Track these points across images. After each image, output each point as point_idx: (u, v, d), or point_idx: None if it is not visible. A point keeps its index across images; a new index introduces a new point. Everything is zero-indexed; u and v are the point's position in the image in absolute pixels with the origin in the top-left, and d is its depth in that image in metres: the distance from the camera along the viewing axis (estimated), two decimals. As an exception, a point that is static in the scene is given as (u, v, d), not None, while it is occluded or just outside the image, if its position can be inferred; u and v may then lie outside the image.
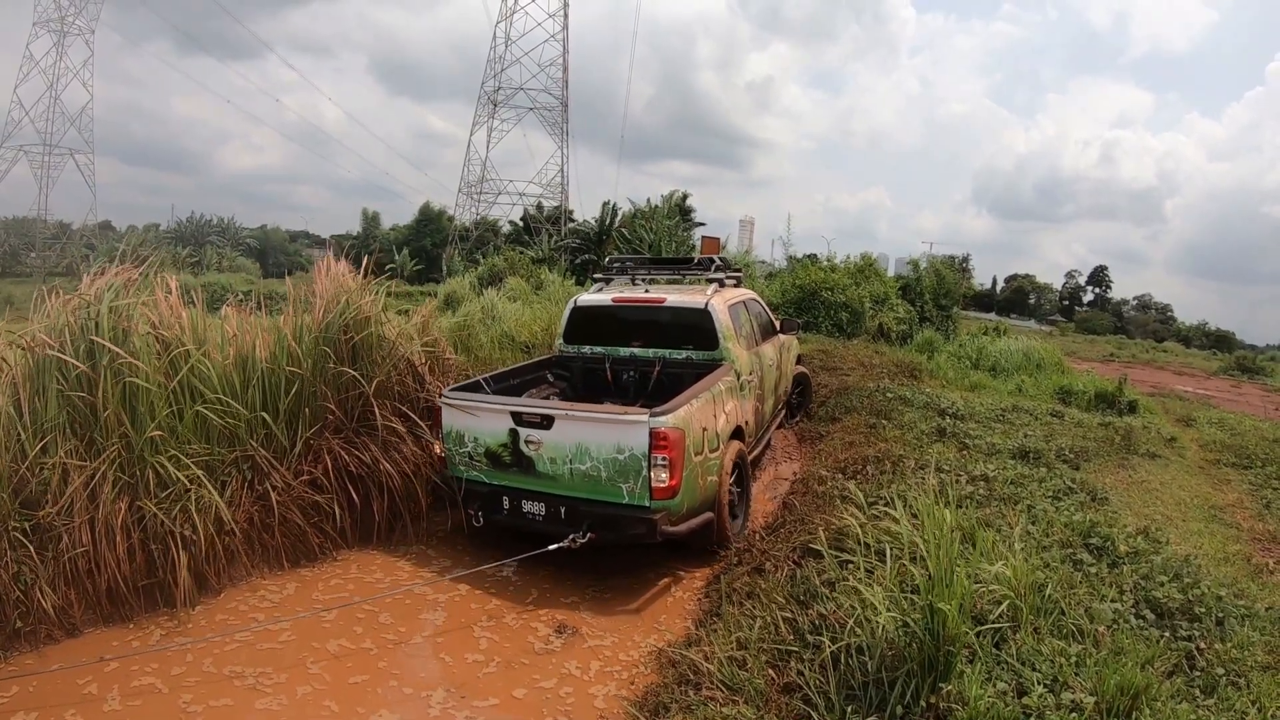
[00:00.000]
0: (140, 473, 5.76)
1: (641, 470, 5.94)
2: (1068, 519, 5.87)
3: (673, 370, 8.16)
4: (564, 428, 6.20)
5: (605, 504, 6.17)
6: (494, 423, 6.52)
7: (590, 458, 6.12)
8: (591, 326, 8.77)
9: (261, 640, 5.30)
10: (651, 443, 5.89)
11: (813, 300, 18.53)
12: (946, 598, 3.66)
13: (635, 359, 8.50)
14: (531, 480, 6.45)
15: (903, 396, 10.53)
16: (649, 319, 8.46)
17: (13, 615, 5.13)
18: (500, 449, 6.50)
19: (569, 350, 8.85)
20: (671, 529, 6.06)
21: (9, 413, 5.51)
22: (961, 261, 28.57)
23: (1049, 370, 16.54)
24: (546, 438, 6.27)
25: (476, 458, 6.66)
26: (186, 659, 5.09)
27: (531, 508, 6.45)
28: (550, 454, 6.27)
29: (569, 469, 6.22)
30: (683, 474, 6.01)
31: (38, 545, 5.36)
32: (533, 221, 59.81)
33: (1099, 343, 51.89)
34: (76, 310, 5.83)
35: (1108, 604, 4.48)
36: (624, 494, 6.06)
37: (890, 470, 6.95)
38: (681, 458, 5.99)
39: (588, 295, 8.97)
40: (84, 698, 4.64)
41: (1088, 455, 8.82)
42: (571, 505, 6.25)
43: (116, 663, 5.00)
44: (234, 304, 7.27)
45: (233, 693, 4.72)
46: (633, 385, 8.54)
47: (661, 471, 5.90)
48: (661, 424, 5.89)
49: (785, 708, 3.86)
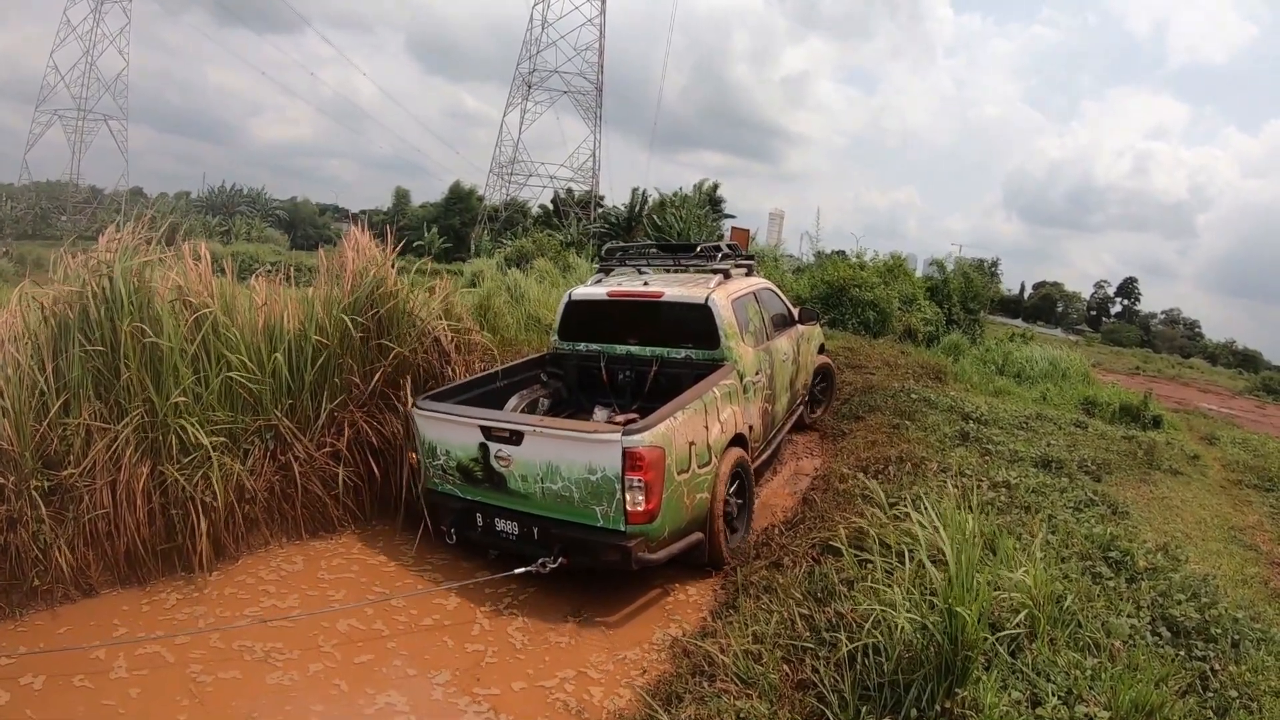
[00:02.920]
0: (163, 437, 5.81)
1: (615, 493, 5.49)
2: (1088, 531, 5.83)
3: (671, 370, 7.63)
4: (534, 444, 5.77)
5: (579, 526, 5.74)
6: (464, 435, 6.11)
7: (561, 477, 5.69)
8: (587, 322, 8.21)
9: (271, 616, 5.34)
10: (625, 463, 5.42)
11: (840, 297, 18.32)
12: (966, 602, 3.65)
13: (631, 358, 7.93)
14: (504, 498, 6.05)
15: (927, 398, 10.44)
16: (646, 314, 7.83)
17: (30, 574, 5.21)
18: (472, 463, 6.11)
19: (564, 347, 8.31)
20: (650, 556, 5.62)
21: (32, 373, 5.55)
22: (991, 265, 28.31)
23: (1074, 380, 16.43)
24: (516, 454, 5.85)
25: (449, 471, 6.30)
26: (199, 624, 5.16)
27: (505, 526, 6.05)
28: (521, 471, 5.86)
29: (540, 488, 5.80)
30: (662, 496, 5.57)
31: (58, 505, 5.44)
32: (562, 205, 59.86)
33: (1125, 355, 51.54)
34: (95, 271, 5.89)
35: (1125, 619, 4.44)
36: (598, 517, 5.63)
37: (912, 471, 6.91)
38: (661, 479, 5.54)
39: (583, 288, 8.42)
40: (91, 664, 4.69)
41: (1110, 468, 8.77)
42: (544, 526, 5.86)
43: (125, 629, 5.08)
44: (263, 274, 7.31)
45: (241, 665, 4.76)
46: (629, 387, 8.01)
47: (637, 494, 5.44)
48: (636, 443, 5.42)
49: (799, 704, 3.85)
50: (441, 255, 45.67)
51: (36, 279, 6.33)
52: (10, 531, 5.19)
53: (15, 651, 4.75)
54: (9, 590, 5.19)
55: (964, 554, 3.88)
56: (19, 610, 5.17)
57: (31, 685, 4.46)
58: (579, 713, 4.54)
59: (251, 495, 6.15)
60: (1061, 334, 70.50)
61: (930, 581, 4.02)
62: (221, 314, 6.40)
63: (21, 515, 5.23)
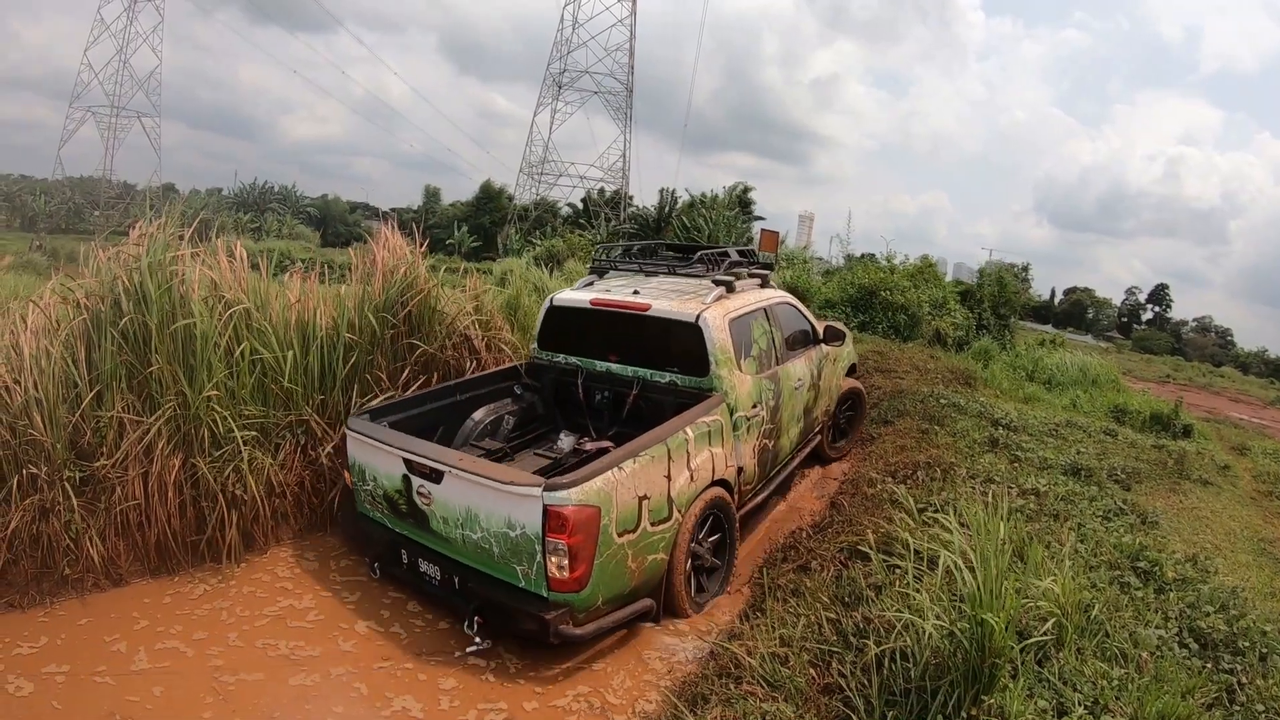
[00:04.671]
0: (195, 430, 5.89)
1: (536, 554, 4.74)
2: (1117, 540, 5.82)
3: (653, 396, 6.73)
4: (453, 485, 5.10)
5: (500, 584, 5.04)
6: (388, 464, 5.50)
7: (480, 526, 4.99)
8: (568, 331, 7.35)
9: (291, 616, 5.37)
10: (546, 523, 4.64)
11: (871, 300, 18.30)
12: (994, 610, 3.66)
13: (611, 377, 7.02)
14: (427, 537, 5.42)
15: (956, 404, 10.40)
16: (631, 329, 6.85)
17: (61, 563, 5.32)
18: (396, 495, 5.50)
19: (542, 357, 7.48)
20: (574, 631, 4.79)
21: (65, 364, 5.64)
22: (1021, 271, 28.18)
23: (1104, 387, 16.32)
24: (437, 493, 5.20)
25: (378, 499, 5.72)
26: (222, 618, 5.24)
27: (428, 569, 5.38)
28: (441, 512, 5.21)
29: (460, 534, 5.13)
30: (593, 563, 4.78)
31: (90, 496, 5.54)
32: (592, 205, 60.03)
33: (1155, 362, 51.05)
34: (125, 264, 5.97)
35: (1152, 630, 4.44)
36: (519, 577, 4.91)
37: (941, 477, 6.90)
38: (592, 543, 4.75)
39: (567, 292, 7.43)
40: (112, 655, 4.75)
41: (1139, 477, 8.72)
42: (465, 576, 5.17)
43: (146, 621, 5.13)
44: (297, 271, 7.39)
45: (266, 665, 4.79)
46: (606, 408, 7.19)
47: (560, 559, 4.67)
48: (561, 501, 4.61)
49: (825, 708, 3.86)
50: (471, 254, 46.00)
51: (69, 272, 6.44)
52: (42, 521, 5.29)
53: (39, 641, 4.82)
54: (40, 579, 5.28)
55: (993, 561, 3.88)
56: (49, 598, 5.26)
57: (54, 676, 4.52)
58: (601, 711, 4.59)
59: (281, 489, 6.23)
60: (1092, 340, 70.13)
61: (958, 588, 4.03)
62: (255, 310, 6.50)
63: (54, 505, 5.33)
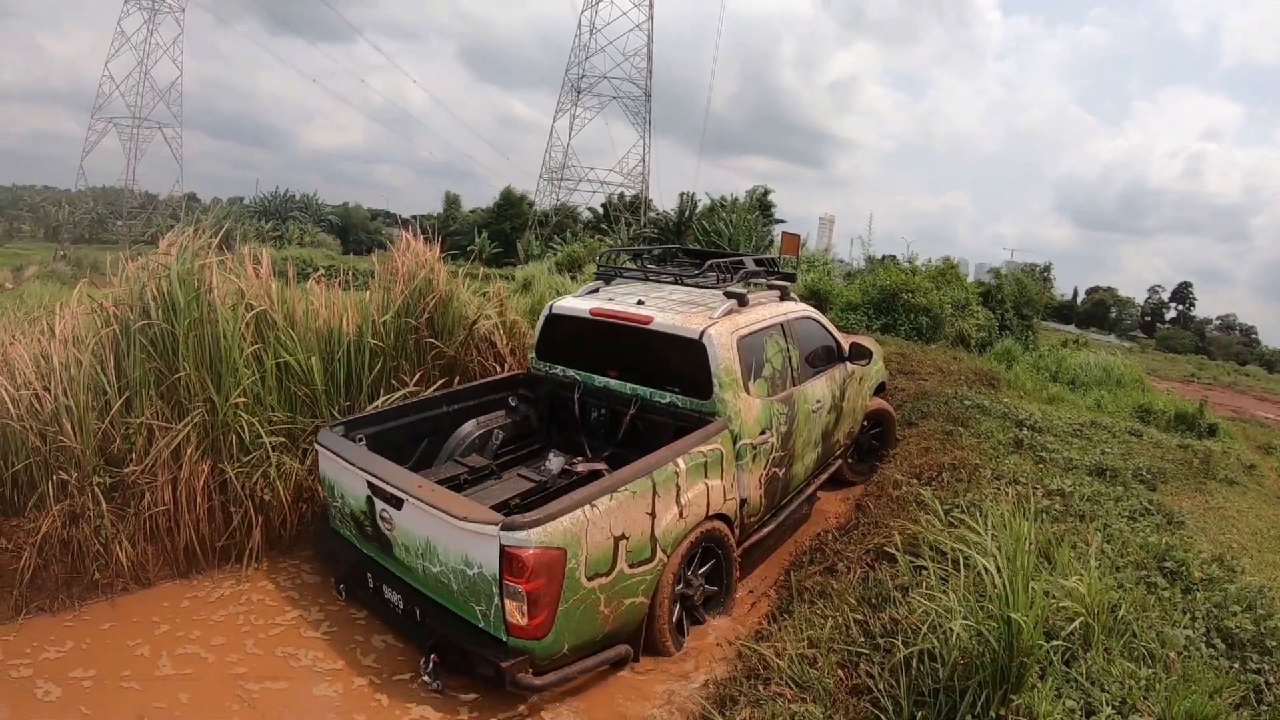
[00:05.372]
0: (223, 436, 5.99)
1: (493, 596, 4.41)
2: (1143, 540, 5.78)
3: (651, 417, 6.30)
4: (412, 513, 4.80)
5: (460, 621, 4.73)
6: (354, 483, 5.25)
7: (439, 560, 4.69)
8: (566, 341, 6.93)
9: (304, 627, 5.38)
10: (503, 565, 4.30)
11: (893, 302, 18.21)
12: (1023, 609, 3.67)
13: (609, 393, 6.59)
14: (391, 563, 5.16)
15: (980, 405, 10.35)
16: (631, 342, 6.38)
17: (91, 567, 5.41)
18: (362, 516, 5.25)
19: (540, 368, 7.10)
20: (533, 681, 4.41)
21: (94, 372, 5.72)
22: (1043, 271, 28.12)
23: (1129, 387, 16.24)
24: (398, 520, 4.92)
25: (346, 518, 5.52)
26: (239, 623, 5.28)
27: (391, 596, 5.09)
28: (403, 540, 4.94)
29: (421, 565, 4.84)
30: (556, 610, 4.42)
31: (120, 502, 5.62)
32: (612, 210, 60.22)
33: (1179, 362, 50.75)
34: (155, 273, 6.05)
35: (1179, 630, 4.41)
36: (478, 617, 4.60)
37: (966, 479, 6.85)
38: (555, 588, 4.38)
39: (567, 299, 7.02)
40: (137, 660, 4.80)
41: (1165, 477, 8.67)
42: (426, 609, 4.87)
43: (167, 626, 5.19)
44: (320, 278, 7.46)
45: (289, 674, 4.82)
46: (603, 427, 6.75)
47: (519, 604, 4.31)
48: (520, 543, 4.25)
49: (853, 709, 3.87)
50: (492, 260, 46.15)
51: (94, 281, 6.52)
52: (73, 526, 5.39)
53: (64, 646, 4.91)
54: (70, 583, 5.38)
55: (1020, 561, 3.89)
56: (78, 602, 5.35)
57: (82, 681, 4.58)
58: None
59: (310, 494, 6.30)
60: (1115, 340, 69.73)
61: (986, 588, 4.03)
62: (280, 317, 6.57)
63: (84, 510, 5.43)
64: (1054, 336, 27.90)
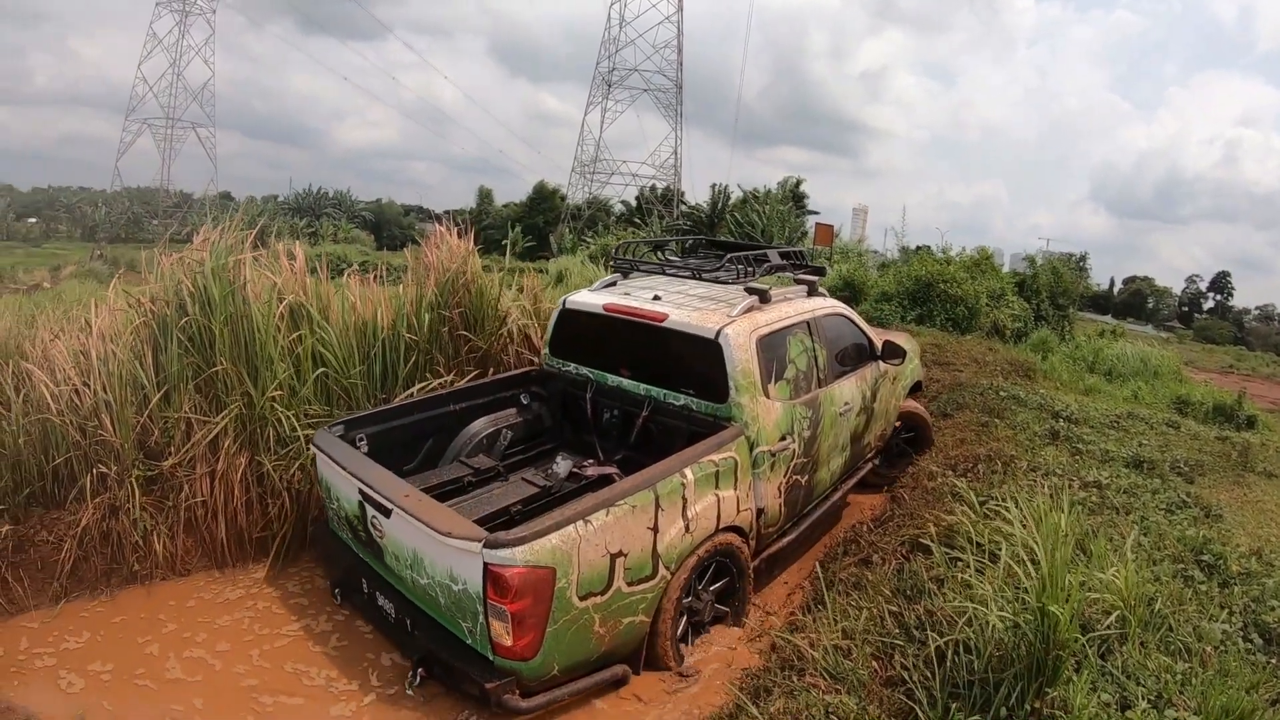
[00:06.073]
0: (261, 430, 6.05)
1: (478, 614, 4.18)
2: (1180, 533, 5.71)
3: (664, 420, 5.99)
4: (400, 523, 4.58)
5: (448, 636, 4.53)
6: (347, 486, 5.04)
7: (427, 573, 4.48)
8: (580, 338, 6.64)
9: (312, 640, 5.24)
10: (487, 584, 4.05)
11: (928, 293, 18.00)
12: (1059, 601, 3.65)
13: (622, 393, 6.29)
14: (383, 570, 4.96)
15: (1016, 396, 10.25)
16: (646, 340, 6.07)
17: (130, 559, 5.50)
18: (355, 520, 5.06)
19: (553, 365, 6.82)
20: (520, 704, 4.18)
21: (132, 367, 5.80)
22: (1079, 260, 27.90)
23: (1166, 378, 16.12)
24: (387, 528, 4.72)
25: (342, 521, 5.36)
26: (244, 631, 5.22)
27: (384, 603, 4.91)
28: (392, 549, 4.74)
29: (410, 575, 4.64)
30: (544, 631, 4.16)
31: (159, 494, 5.71)
32: (645, 202, 60.32)
33: (1217, 353, 50.27)
34: (190, 269, 6.13)
35: (1216, 624, 4.36)
36: (465, 634, 4.39)
37: (1002, 470, 6.80)
38: (543, 608, 4.12)
39: (582, 294, 6.71)
40: (147, 658, 4.83)
41: (1202, 469, 8.56)
42: (416, 619, 4.67)
43: (173, 625, 5.19)
44: (354, 273, 7.51)
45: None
46: (615, 429, 6.47)
47: (504, 624, 4.07)
48: (504, 561, 3.98)
49: (887, 700, 3.87)
50: (526, 254, 46.31)
51: (129, 279, 6.61)
52: (112, 519, 5.48)
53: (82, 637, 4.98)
54: (110, 574, 5.48)
55: (1057, 552, 3.87)
56: (116, 590, 5.48)
57: (100, 674, 4.63)
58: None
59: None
60: (1152, 330, 69.18)
61: (1022, 580, 4.00)
62: (316, 312, 6.63)
63: (123, 503, 5.52)
64: (1090, 327, 27.75)
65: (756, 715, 3.95)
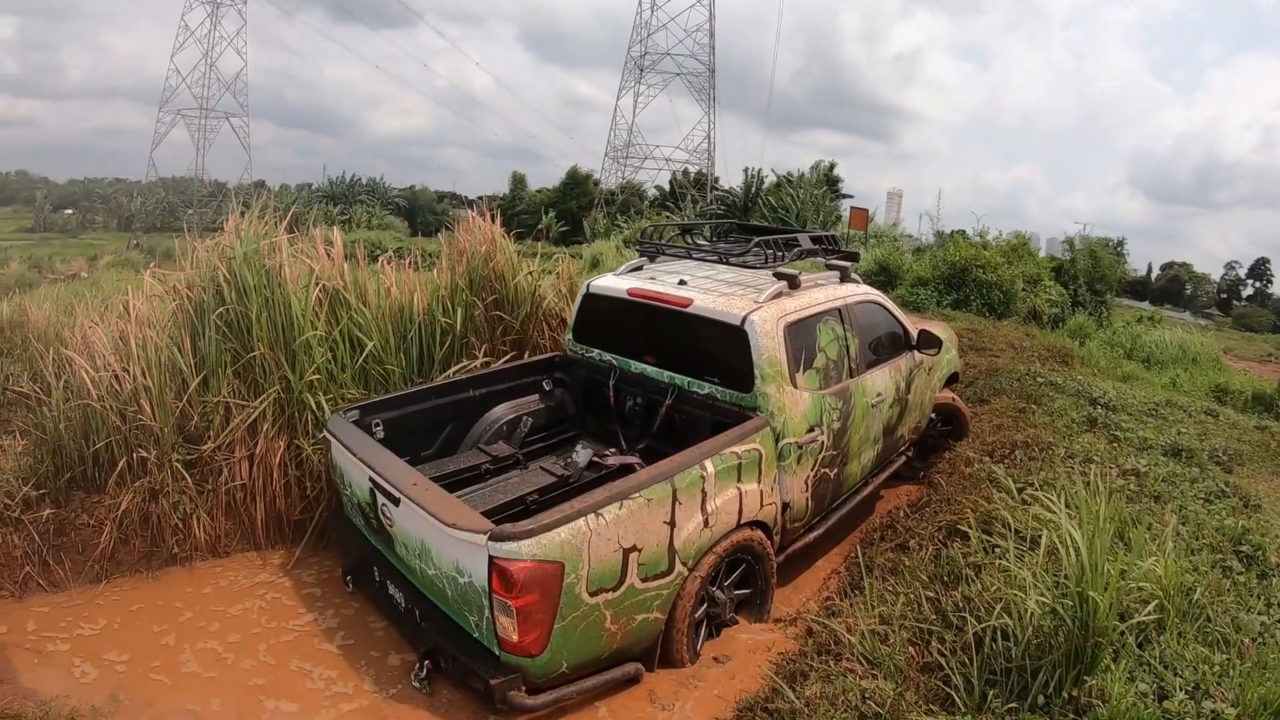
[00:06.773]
0: (299, 414, 6.10)
1: (484, 607, 4.06)
2: (1219, 523, 5.66)
3: (688, 409, 5.83)
4: (408, 512, 4.46)
5: (455, 628, 4.43)
6: (358, 473, 4.96)
7: (434, 564, 4.38)
8: (603, 323, 6.49)
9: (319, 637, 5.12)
10: (492, 578, 3.93)
11: (964, 278, 17.80)
12: (1099, 588, 3.64)
13: (645, 380, 6.12)
14: (394, 558, 4.91)
15: (1053, 382, 10.14)
16: (670, 326, 5.92)
17: (170, 541, 5.57)
18: (367, 508, 4.99)
19: (576, 350, 6.67)
20: (525, 702, 4.07)
21: (171, 353, 5.87)
22: (1116, 245, 27.58)
23: (1204, 366, 15.93)
24: (397, 516, 4.63)
25: (354, 508, 5.33)
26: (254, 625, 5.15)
27: (395, 592, 4.82)
28: (402, 538, 4.66)
29: (419, 565, 4.55)
30: (552, 627, 4.03)
31: (198, 478, 5.76)
32: (678, 186, 60.29)
33: (1256, 341, 49.53)
34: (223, 255, 6.18)
35: (1255, 615, 4.33)
36: (473, 627, 4.28)
37: (1039, 457, 6.76)
38: (550, 604, 3.99)
39: (606, 278, 6.55)
40: (163, 649, 4.80)
41: (1241, 459, 8.47)
42: (424, 610, 4.60)
43: (190, 613, 5.19)
44: (391, 259, 7.54)
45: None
46: (639, 417, 6.28)
47: (509, 620, 3.95)
48: (509, 554, 3.85)
49: (924, 686, 3.88)
50: (560, 239, 46.44)
51: (165, 267, 6.68)
52: (152, 502, 5.55)
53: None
54: (150, 556, 5.57)
55: (1097, 540, 3.85)
56: (155, 571, 5.58)
57: (115, 664, 4.62)
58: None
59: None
60: (1190, 318, 68.27)
61: (1061, 567, 3.98)
62: (353, 297, 6.68)
63: (163, 487, 5.59)
64: (1128, 313, 27.40)
65: (793, 699, 3.96)
